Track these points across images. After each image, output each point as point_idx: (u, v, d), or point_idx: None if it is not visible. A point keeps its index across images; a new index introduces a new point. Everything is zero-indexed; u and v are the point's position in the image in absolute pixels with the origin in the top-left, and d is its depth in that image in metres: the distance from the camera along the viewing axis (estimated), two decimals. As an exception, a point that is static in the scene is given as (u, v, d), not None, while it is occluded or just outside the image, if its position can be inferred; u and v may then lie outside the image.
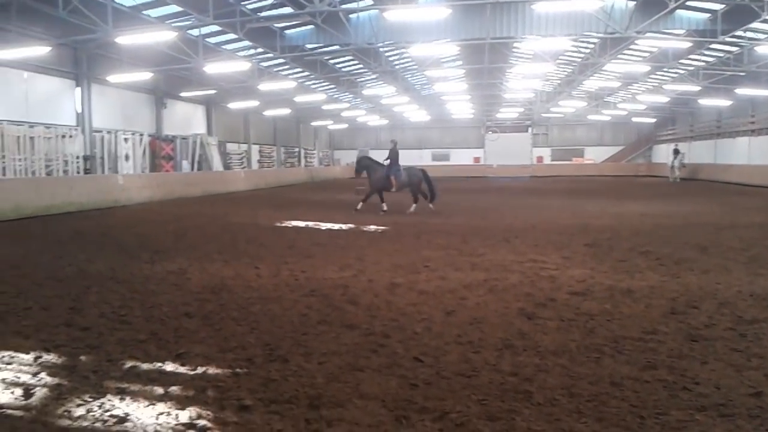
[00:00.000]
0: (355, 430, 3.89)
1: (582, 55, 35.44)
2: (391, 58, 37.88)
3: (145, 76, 28.13)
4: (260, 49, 30.91)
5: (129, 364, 5.10)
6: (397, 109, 52.90)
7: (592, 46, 32.16)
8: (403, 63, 39.72)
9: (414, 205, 19.28)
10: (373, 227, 15.14)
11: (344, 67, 39.26)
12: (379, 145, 66.26)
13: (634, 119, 56.91)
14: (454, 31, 27.38)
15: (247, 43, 29.57)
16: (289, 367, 5.04)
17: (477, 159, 62.46)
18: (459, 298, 7.46)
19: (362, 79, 42.10)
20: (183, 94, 34.68)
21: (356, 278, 8.67)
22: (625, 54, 33.21)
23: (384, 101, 47.71)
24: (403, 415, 4.10)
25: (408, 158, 61.59)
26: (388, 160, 19.02)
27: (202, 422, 3.99)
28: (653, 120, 57.44)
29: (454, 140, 64.40)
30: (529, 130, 60.80)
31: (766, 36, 26.31)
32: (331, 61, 37.21)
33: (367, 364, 5.09)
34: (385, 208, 19.00)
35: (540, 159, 61.30)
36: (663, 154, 52.42)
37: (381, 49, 32.75)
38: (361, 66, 37.26)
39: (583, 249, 11.35)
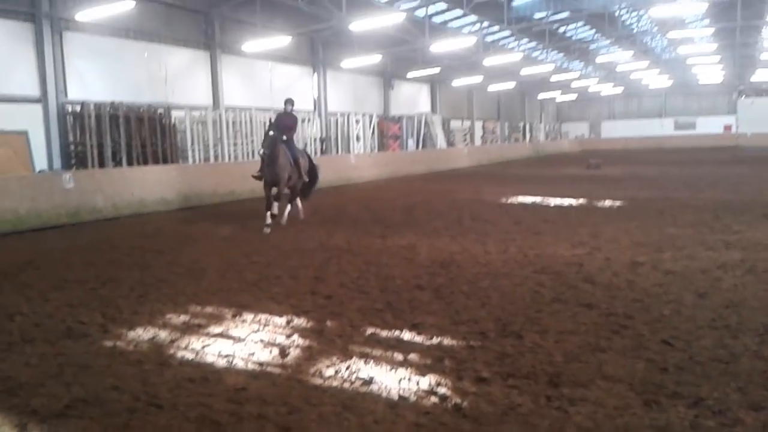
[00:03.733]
0: (600, 412, 3.67)
1: None
2: (627, 22, 35.43)
3: (374, 59, 29.47)
4: (486, 23, 30.72)
5: (370, 331, 5.34)
6: (634, 76, 49.40)
7: None
8: (641, 26, 36.94)
9: (289, 207, 12.63)
10: (608, 203, 14.31)
11: (575, 34, 37.57)
12: (612, 115, 62.71)
13: None
14: (701, -13, 24.74)
15: (472, 18, 29.58)
16: (524, 343, 4.92)
17: (728, 127, 55.98)
18: (712, 279, 6.74)
19: (595, 45, 39.97)
20: (409, 75, 35.78)
21: (591, 256, 8.23)
22: None
23: (619, 68, 44.85)
24: (652, 399, 3.82)
25: (648, 128, 57.72)
26: (275, 136, 11.30)
27: (442, 390, 4.04)
28: None
29: (700, 107, 58.42)
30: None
31: None
32: (561, 30, 35.80)
33: (609, 346, 4.79)
34: (269, 220, 11.30)
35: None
36: None
37: (617, 13, 30.75)
38: (594, 32, 35.38)
39: None
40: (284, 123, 11.89)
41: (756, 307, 5.65)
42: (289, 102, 12.24)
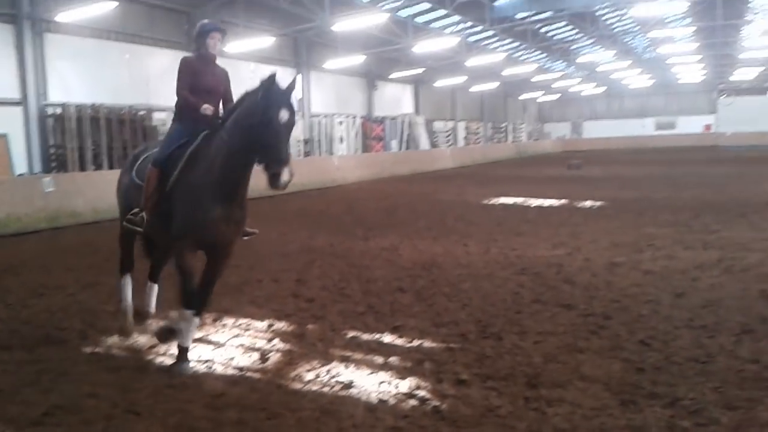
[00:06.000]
0: (578, 412, 3.72)
1: None
2: (609, 21, 35.71)
3: (357, 60, 29.44)
4: (469, 23, 30.83)
5: (351, 334, 5.35)
6: (616, 76, 49.79)
7: None
8: (622, 25, 37.25)
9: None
10: (588, 203, 14.43)
11: (557, 34, 37.83)
12: (593, 116, 62.96)
13: None
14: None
15: (455, 18, 29.64)
16: (504, 344, 4.96)
17: (708, 127, 56.43)
18: (690, 279, 6.85)
19: (576, 45, 40.27)
20: (392, 76, 35.78)
21: (571, 257, 8.31)
22: None
23: (600, 68, 45.13)
24: (629, 399, 3.88)
25: (629, 128, 58.08)
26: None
27: (421, 393, 4.06)
28: None
29: (680, 107, 58.82)
30: (769, 93, 53.59)
31: None
32: (543, 30, 36.00)
33: (587, 346, 4.85)
34: (127, 301, 5.57)
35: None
36: None
37: (598, 13, 31.00)
38: (576, 32, 35.62)
39: (842, 226, 9.81)
40: (204, 83, 5.28)
41: (733, 307, 5.74)
42: (212, 30, 5.44)
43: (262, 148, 4.32)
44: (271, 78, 4.50)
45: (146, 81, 21.67)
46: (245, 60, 25.84)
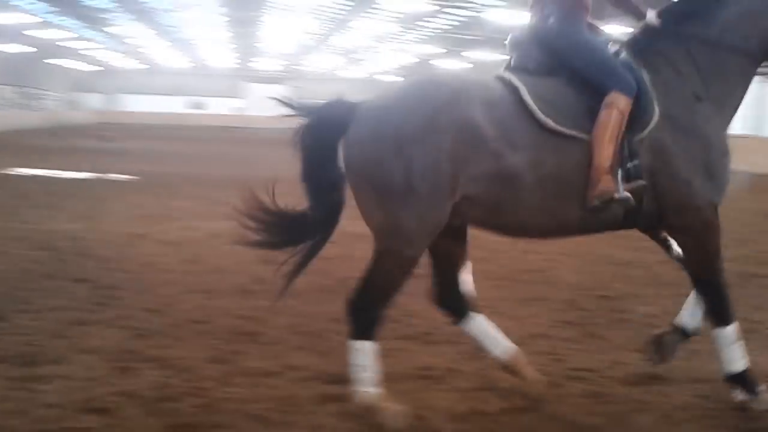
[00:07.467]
0: (71, 385, 3.71)
1: (342, 12, 36.22)
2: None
3: None
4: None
5: None
6: (154, 54, 49.85)
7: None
8: (154, 3, 37.27)
9: None
10: (119, 176, 14.31)
11: (93, 3, 35.96)
12: (132, 90, 61.62)
13: (381, 78, 58.85)
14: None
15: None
16: (7, 325, 4.66)
17: (237, 109, 61.14)
18: (203, 248, 7.44)
19: (112, 16, 38.88)
20: None
21: (91, 230, 8.23)
22: (372, 12, 34.52)
23: (140, 44, 44.49)
24: (126, 366, 4.00)
25: (167, 105, 58.65)
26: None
27: None
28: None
29: (213, 89, 62.15)
30: (285, 83, 60.92)
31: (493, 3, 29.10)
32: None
33: (94, 318, 4.88)
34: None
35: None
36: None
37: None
38: (113, 4, 34.40)
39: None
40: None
41: (236, 271, 6.32)
42: None
43: None
44: None
45: None
46: None
